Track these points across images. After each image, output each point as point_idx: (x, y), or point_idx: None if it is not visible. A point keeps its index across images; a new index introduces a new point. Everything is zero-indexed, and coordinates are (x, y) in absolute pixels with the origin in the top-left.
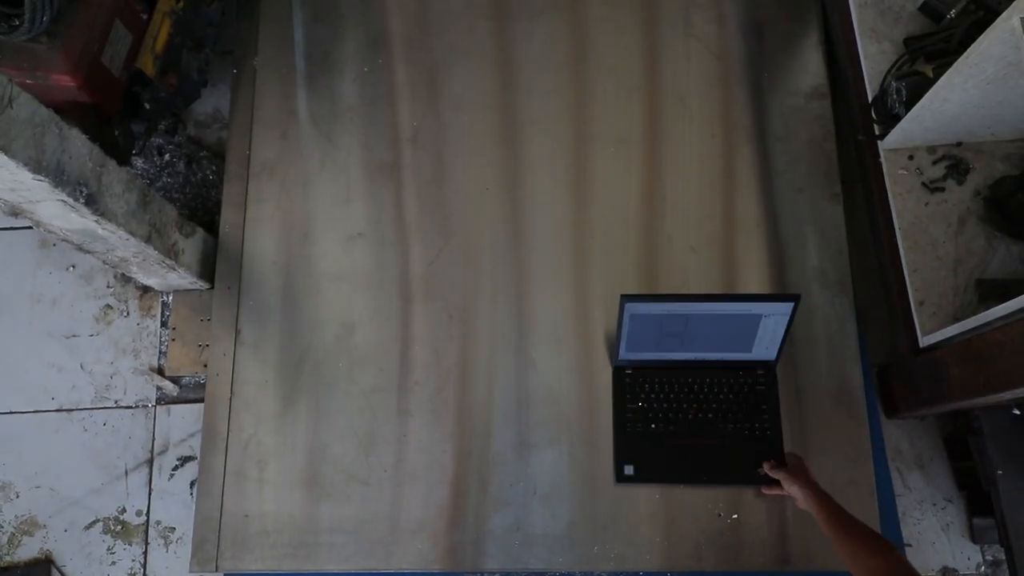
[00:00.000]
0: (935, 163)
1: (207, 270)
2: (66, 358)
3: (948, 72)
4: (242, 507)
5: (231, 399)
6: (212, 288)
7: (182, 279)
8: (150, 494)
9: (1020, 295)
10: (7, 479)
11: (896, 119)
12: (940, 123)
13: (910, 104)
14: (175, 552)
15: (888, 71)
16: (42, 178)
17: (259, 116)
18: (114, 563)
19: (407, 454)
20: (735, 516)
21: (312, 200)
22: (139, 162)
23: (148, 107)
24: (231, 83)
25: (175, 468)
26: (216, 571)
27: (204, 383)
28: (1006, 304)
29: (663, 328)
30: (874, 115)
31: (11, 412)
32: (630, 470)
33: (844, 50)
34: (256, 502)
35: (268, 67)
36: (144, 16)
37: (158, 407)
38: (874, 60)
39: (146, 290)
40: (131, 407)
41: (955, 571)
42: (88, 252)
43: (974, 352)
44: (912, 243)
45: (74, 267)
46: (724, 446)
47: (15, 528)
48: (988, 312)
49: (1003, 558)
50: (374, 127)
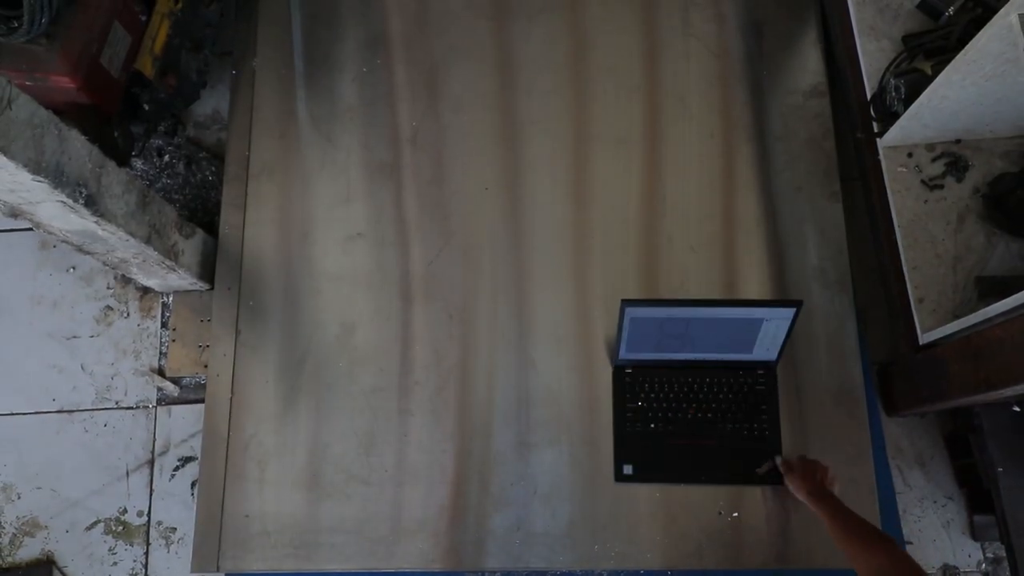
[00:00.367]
0: (934, 160)
1: (207, 271)
2: (67, 359)
3: (946, 69)
4: (243, 507)
5: (231, 399)
6: (212, 289)
7: (182, 280)
8: (151, 495)
9: (1019, 292)
10: (8, 480)
11: (895, 117)
12: (939, 120)
13: (909, 101)
14: (176, 552)
15: (887, 69)
16: (41, 179)
17: (258, 117)
18: (115, 564)
19: (408, 454)
20: (735, 515)
21: (312, 200)
22: (139, 163)
23: (147, 108)
24: (230, 84)
25: (176, 469)
26: (217, 571)
27: (204, 384)
28: (1006, 301)
29: (663, 330)
30: (873, 113)
31: (12, 413)
32: (629, 469)
33: (843, 48)
34: (257, 502)
35: (267, 68)
36: (143, 17)
37: (159, 408)
38: (873, 58)
39: (146, 291)
40: (132, 408)
41: (956, 568)
42: (88, 253)
43: (974, 349)
44: (911, 241)
45: (74, 268)
46: (724, 446)
47: (16, 529)
48: (988, 309)
49: (1004, 555)
50: (374, 127)
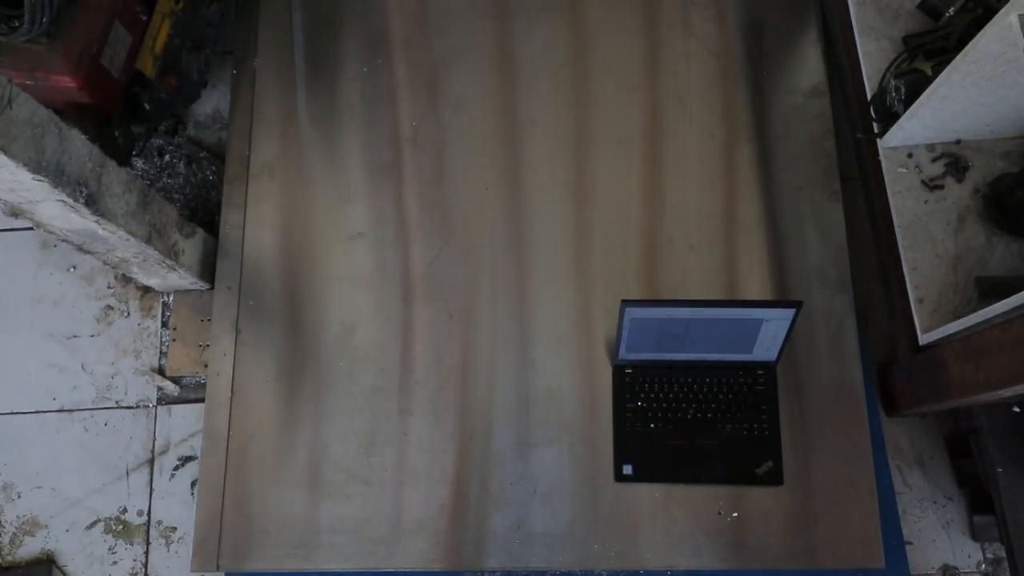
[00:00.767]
0: (934, 161)
1: (207, 270)
2: (67, 359)
3: (946, 70)
4: (243, 507)
5: (232, 399)
6: (212, 288)
7: (182, 279)
8: (151, 494)
9: (1020, 292)
10: (9, 479)
11: (895, 117)
12: (939, 121)
13: (909, 102)
14: (176, 552)
15: (887, 69)
16: (42, 178)
17: (259, 117)
18: (115, 563)
19: (408, 454)
20: (735, 515)
21: (312, 200)
22: (139, 163)
23: (148, 108)
24: (231, 84)
25: (176, 468)
26: (217, 571)
27: (205, 383)
28: (1006, 301)
29: (663, 330)
30: (873, 113)
31: (12, 413)
32: (629, 469)
33: (843, 48)
34: (257, 502)
35: (268, 68)
36: (143, 17)
37: (159, 407)
38: (873, 58)
39: (147, 291)
40: (132, 407)
41: (956, 569)
42: (88, 253)
43: (974, 349)
44: (911, 241)
45: (75, 268)
46: (723, 446)
47: (17, 528)
48: (988, 309)
49: (1004, 556)
50: (374, 127)
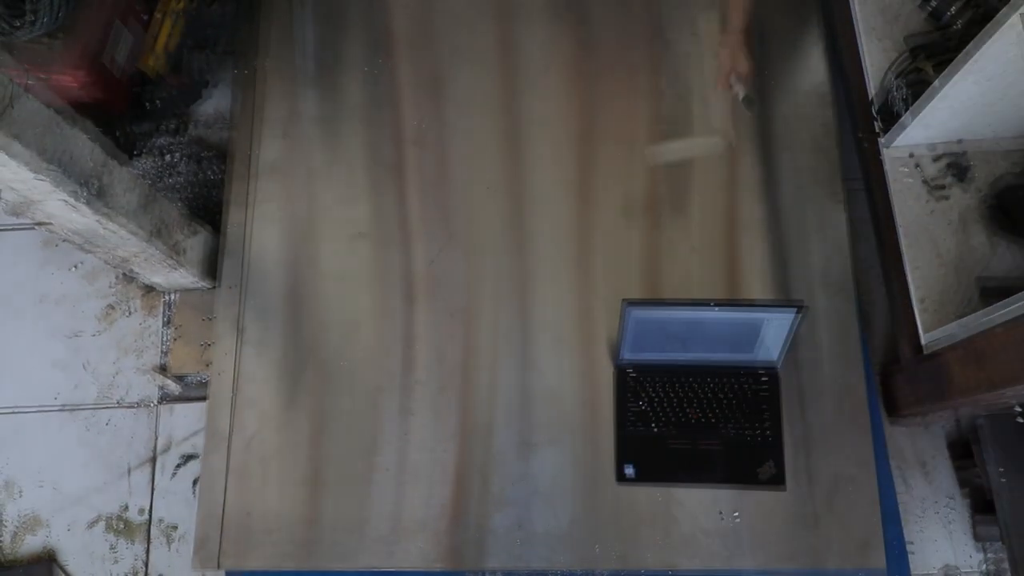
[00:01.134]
0: (936, 162)
1: (211, 269)
2: (70, 357)
3: (948, 69)
4: (244, 505)
5: (234, 397)
6: (215, 287)
7: (185, 278)
8: (153, 492)
9: (1022, 293)
10: (11, 477)
11: (897, 118)
12: (940, 121)
13: (911, 103)
14: (177, 550)
15: (888, 69)
16: (44, 177)
17: (263, 116)
18: (116, 561)
19: (409, 453)
20: (736, 516)
21: (315, 200)
22: (144, 162)
23: (151, 107)
24: (234, 83)
25: (178, 466)
26: (218, 569)
27: (207, 382)
28: (1008, 302)
29: (666, 331)
30: (875, 114)
31: (15, 410)
32: (631, 471)
33: (845, 49)
34: (258, 500)
35: (273, 67)
36: (147, 17)
37: (161, 406)
38: (875, 59)
39: (149, 289)
40: (134, 406)
41: (957, 570)
42: (91, 251)
43: (976, 351)
44: (913, 241)
45: (78, 266)
46: (725, 448)
47: (18, 526)
48: (990, 311)
49: (1005, 557)
50: (378, 127)
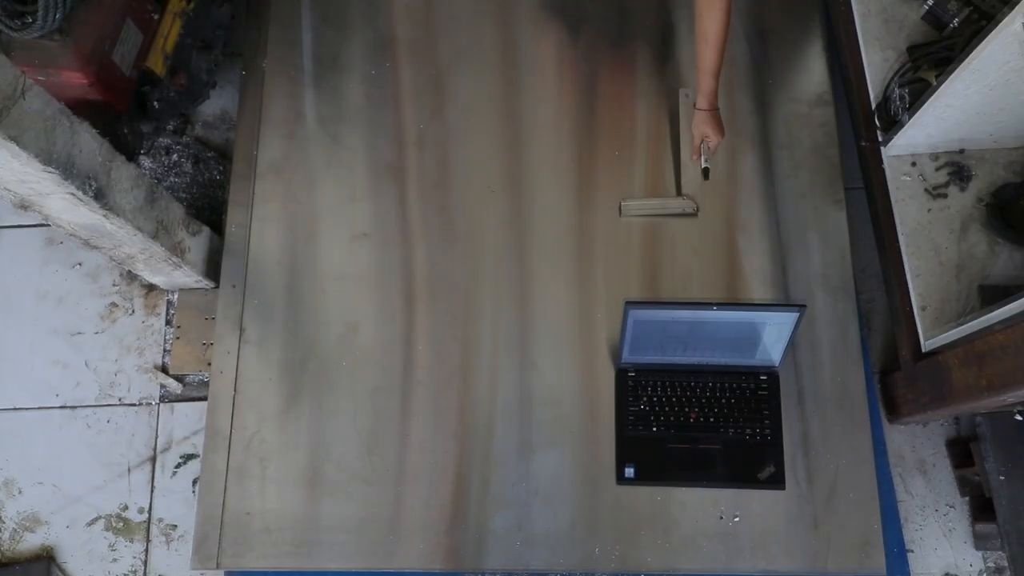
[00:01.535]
0: (937, 169)
1: (212, 268)
2: (71, 355)
3: (950, 77)
4: (244, 505)
5: (234, 397)
6: (217, 287)
7: (187, 277)
8: (152, 491)
9: (1022, 296)
10: (10, 475)
11: (899, 125)
12: (942, 129)
13: (913, 110)
14: (176, 549)
15: (891, 78)
16: (52, 170)
17: (266, 117)
18: (115, 560)
19: (409, 453)
20: (736, 518)
21: (317, 200)
22: (146, 162)
23: (156, 106)
24: (239, 84)
25: (178, 466)
26: (217, 568)
27: (208, 381)
28: (1008, 307)
29: (666, 332)
30: (877, 122)
31: (15, 409)
32: (631, 472)
33: (848, 57)
34: (258, 500)
35: (276, 69)
36: (155, 16)
37: (162, 405)
38: (877, 67)
39: (151, 288)
40: (135, 405)
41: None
42: (95, 248)
43: (976, 354)
44: (915, 248)
45: (80, 265)
46: (725, 449)
47: (17, 524)
48: (990, 314)
49: (1005, 564)
50: (380, 129)
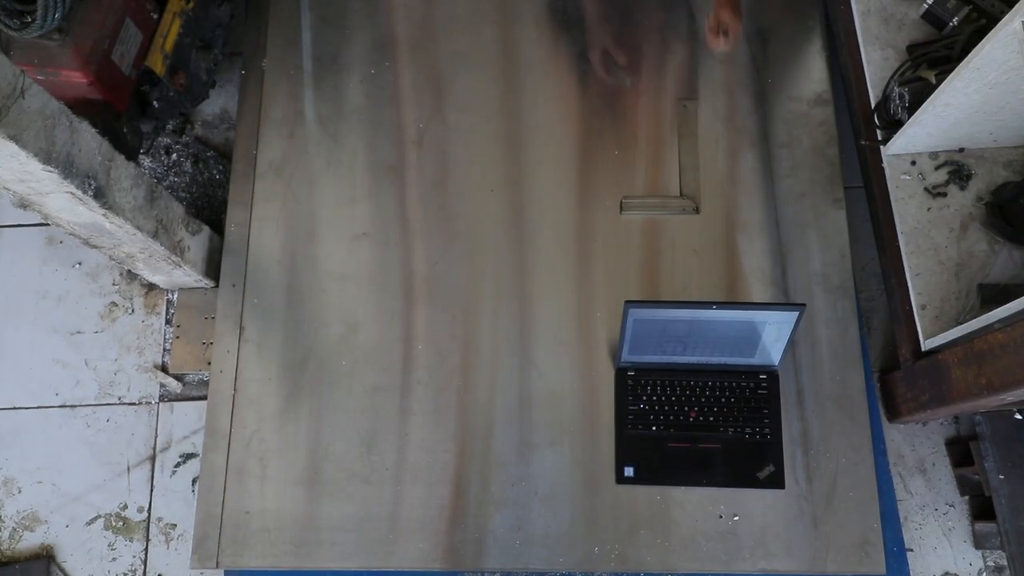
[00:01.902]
0: (937, 168)
1: (212, 268)
2: (70, 354)
3: (950, 76)
4: (243, 504)
5: (234, 396)
6: (217, 286)
7: (187, 276)
8: (152, 491)
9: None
10: (10, 474)
11: (899, 125)
12: (942, 128)
13: (913, 110)
14: (176, 549)
15: (891, 77)
16: (52, 169)
17: (266, 117)
18: (115, 559)
19: (409, 453)
20: (736, 518)
21: (317, 200)
22: (146, 161)
23: (156, 106)
24: (239, 84)
25: (177, 465)
26: (217, 567)
27: (207, 380)
28: (1008, 305)
29: (666, 332)
30: (877, 121)
31: (15, 407)
32: (630, 472)
33: (847, 57)
34: (257, 499)
35: (276, 68)
36: (154, 15)
37: (161, 404)
38: (877, 67)
39: (151, 288)
40: (134, 404)
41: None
42: (95, 247)
43: (976, 353)
44: (914, 248)
45: (80, 264)
46: (725, 449)
47: (16, 523)
48: (989, 313)
49: (1005, 564)
50: (380, 129)
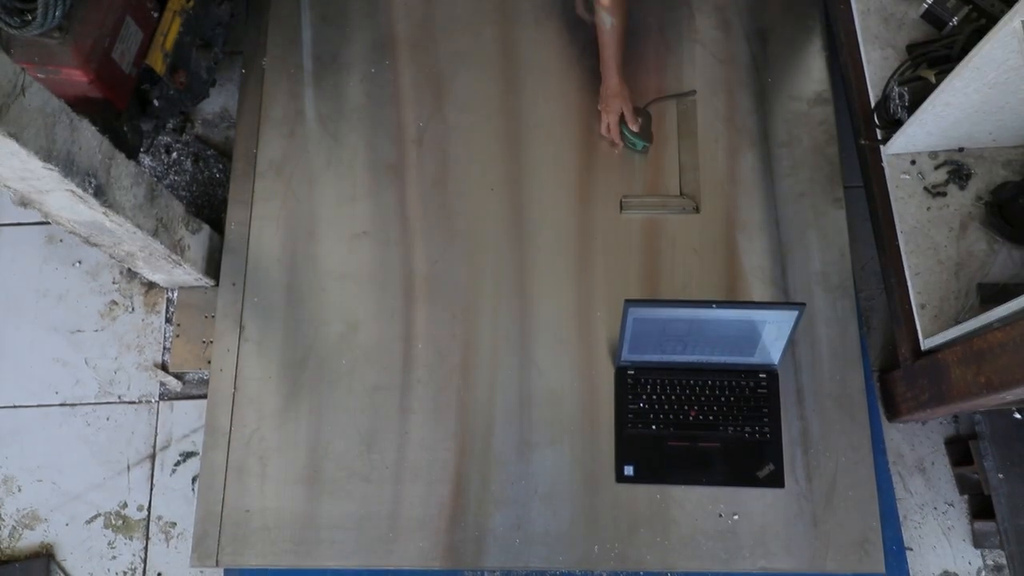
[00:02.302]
0: (937, 168)
1: (212, 267)
2: (71, 353)
3: (950, 76)
4: (243, 503)
5: (234, 395)
6: (216, 285)
7: (187, 275)
8: (152, 489)
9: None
10: (10, 472)
11: (898, 124)
12: (942, 128)
13: (912, 109)
14: (176, 547)
15: (891, 77)
16: (52, 167)
17: (266, 115)
18: (114, 558)
19: (408, 452)
20: (735, 517)
21: (317, 199)
22: (147, 160)
23: (157, 104)
24: (239, 82)
25: (177, 463)
26: (216, 566)
27: (207, 379)
28: (1007, 304)
29: (666, 331)
30: (877, 120)
31: (15, 406)
32: (630, 470)
33: (847, 56)
34: (257, 498)
35: (276, 67)
36: (154, 14)
37: (161, 403)
38: (877, 66)
39: (151, 286)
40: (134, 402)
41: (956, 575)
42: (95, 245)
43: (975, 352)
44: (914, 247)
45: (80, 263)
46: (725, 448)
47: (16, 521)
48: (989, 313)
49: (1004, 563)
50: (380, 128)
